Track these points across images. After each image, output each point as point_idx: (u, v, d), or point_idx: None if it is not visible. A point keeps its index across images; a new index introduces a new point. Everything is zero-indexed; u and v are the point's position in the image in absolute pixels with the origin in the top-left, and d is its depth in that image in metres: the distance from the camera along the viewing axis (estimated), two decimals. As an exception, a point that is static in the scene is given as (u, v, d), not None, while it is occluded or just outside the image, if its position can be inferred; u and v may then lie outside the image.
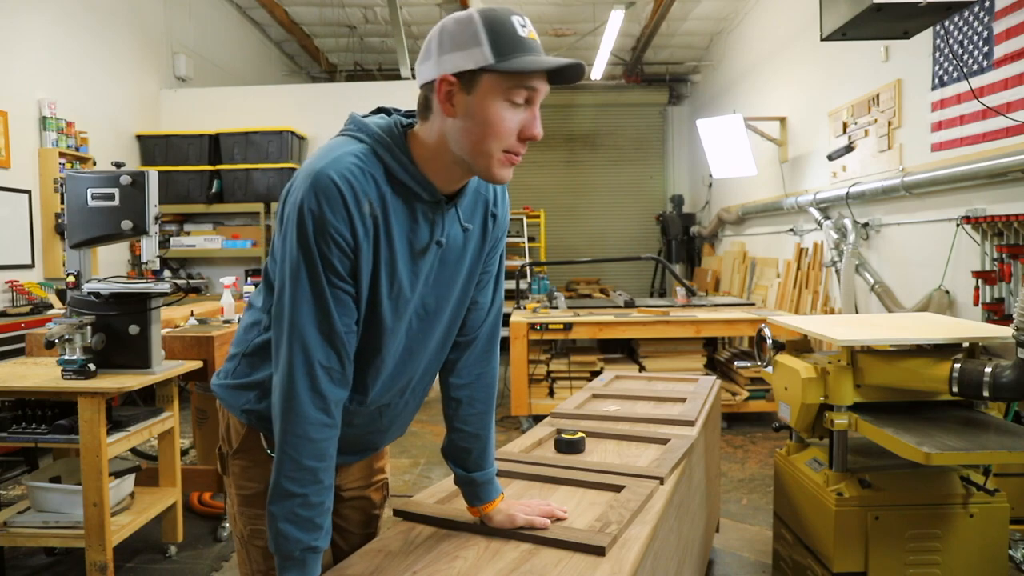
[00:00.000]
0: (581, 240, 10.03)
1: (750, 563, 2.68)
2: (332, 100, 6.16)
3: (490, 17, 0.97)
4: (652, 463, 1.54)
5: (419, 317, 1.13)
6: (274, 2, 7.25)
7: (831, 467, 2.10)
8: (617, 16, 6.32)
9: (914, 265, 4.14)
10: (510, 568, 1.06)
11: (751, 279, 6.93)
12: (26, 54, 4.43)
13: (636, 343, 4.98)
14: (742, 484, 3.56)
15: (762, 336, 2.44)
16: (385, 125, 1.06)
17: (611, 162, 10.27)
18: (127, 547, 2.70)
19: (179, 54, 6.31)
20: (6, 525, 2.36)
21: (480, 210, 1.17)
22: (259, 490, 1.17)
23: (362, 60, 9.24)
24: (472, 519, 1.24)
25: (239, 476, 1.21)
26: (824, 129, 5.36)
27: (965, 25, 3.64)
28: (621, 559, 1.08)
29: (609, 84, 9.87)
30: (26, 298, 4.12)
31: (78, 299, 2.39)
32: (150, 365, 2.40)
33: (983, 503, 2.00)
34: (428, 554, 1.13)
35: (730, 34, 7.97)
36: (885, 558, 2.00)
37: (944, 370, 1.84)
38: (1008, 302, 3.21)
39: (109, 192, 2.43)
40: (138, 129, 5.72)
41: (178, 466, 2.71)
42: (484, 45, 0.96)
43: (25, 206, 4.37)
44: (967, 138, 3.62)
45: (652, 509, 1.28)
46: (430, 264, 1.10)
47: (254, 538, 1.19)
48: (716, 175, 6.99)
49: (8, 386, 2.23)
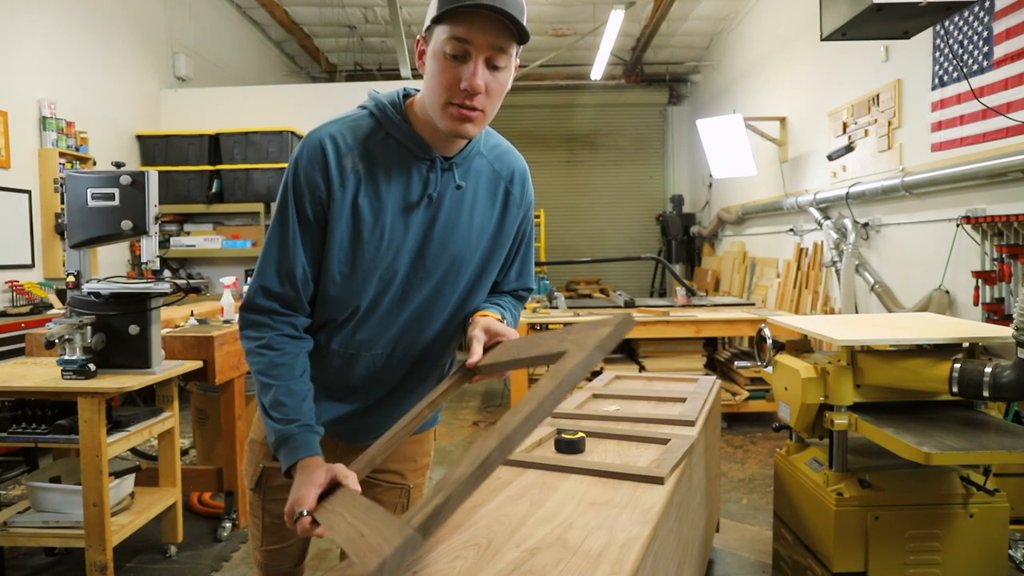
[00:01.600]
0: (581, 240, 10.03)
1: (750, 563, 2.68)
2: (332, 100, 6.15)
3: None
4: (652, 463, 1.54)
5: (417, 271, 1.20)
6: (274, 2, 7.25)
7: (831, 467, 2.10)
8: (617, 16, 6.32)
9: (914, 265, 4.14)
10: (511, 568, 1.06)
11: (751, 279, 6.93)
12: (26, 54, 4.43)
13: (636, 343, 4.98)
14: (742, 484, 3.56)
15: (762, 336, 2.44)
16: (389, 93, 1.19)
17: (611, 162, 10.26)
18: (127, 547, 2.70)
19: (179, 54, 6.31)
20: (6, 525, 2.36)
21: (492, 183, 1.24)
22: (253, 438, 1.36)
23: (362, 60, 9.24)
24: None
25: (256, 419, 1.34)
26: (824, 129, 5.35)
27: (965, 25, 3.64)
28: (621, 559, 1.08)
29: (609, 84, 9.87)
30: (26, 298, 4.12)
31: (78, 299, 2.39)
32: (150, 365, 2.40)
33: (983, 503, 2.00)
34: (429, 554, 1.13)
35: (730, 34, 7.97)
36: (885, 558, 2.01)
37: (944, 370, 1.84)
38: (1008, 302, 3.21)
39: (109, 192, 2.43)
40: (138, 129, 5.72)
41: (178, 466, 2.71)
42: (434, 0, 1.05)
43: (25, 206, 4.37)
44: (967, 138, 3.62)
45: (652, 509, 1.28)
46: (426, 219, 1.18)
47: (245, 475, 1.38)
48: (716, 175, 6.99)
49: (8, 386, 2.23)
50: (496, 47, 1.05)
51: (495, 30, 1.03)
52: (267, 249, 1.17)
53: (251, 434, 1.39)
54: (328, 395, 1.27)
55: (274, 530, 1.35)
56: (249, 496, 1.38)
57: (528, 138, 10.15)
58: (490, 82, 1.07)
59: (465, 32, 1.02)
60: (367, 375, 1.25)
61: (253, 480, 1.35)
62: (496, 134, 1.30)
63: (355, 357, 1.23)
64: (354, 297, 1.18)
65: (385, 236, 1.15)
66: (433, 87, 1.08)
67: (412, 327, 1.24)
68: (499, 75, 1.08)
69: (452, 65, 1.05)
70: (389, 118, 1.16)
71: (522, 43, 1.09)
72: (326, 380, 1.25)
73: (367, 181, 1.14)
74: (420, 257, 1.19)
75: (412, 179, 1.16)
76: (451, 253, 1.21)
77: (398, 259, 1.17)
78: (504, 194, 1.25)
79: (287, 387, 1.12)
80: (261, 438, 1.33)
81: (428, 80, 1.09)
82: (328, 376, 1.25)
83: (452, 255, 1.21)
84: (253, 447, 1.37)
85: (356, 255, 1.15)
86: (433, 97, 1.08)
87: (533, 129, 10.19)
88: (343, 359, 1.24)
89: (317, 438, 1.11)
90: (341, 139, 1.14)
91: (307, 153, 1.14)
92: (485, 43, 1.03)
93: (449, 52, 1.04)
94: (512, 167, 1.27)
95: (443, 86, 1.06)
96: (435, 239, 1.19)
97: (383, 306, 1.20)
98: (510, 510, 1.28)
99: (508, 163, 1.27)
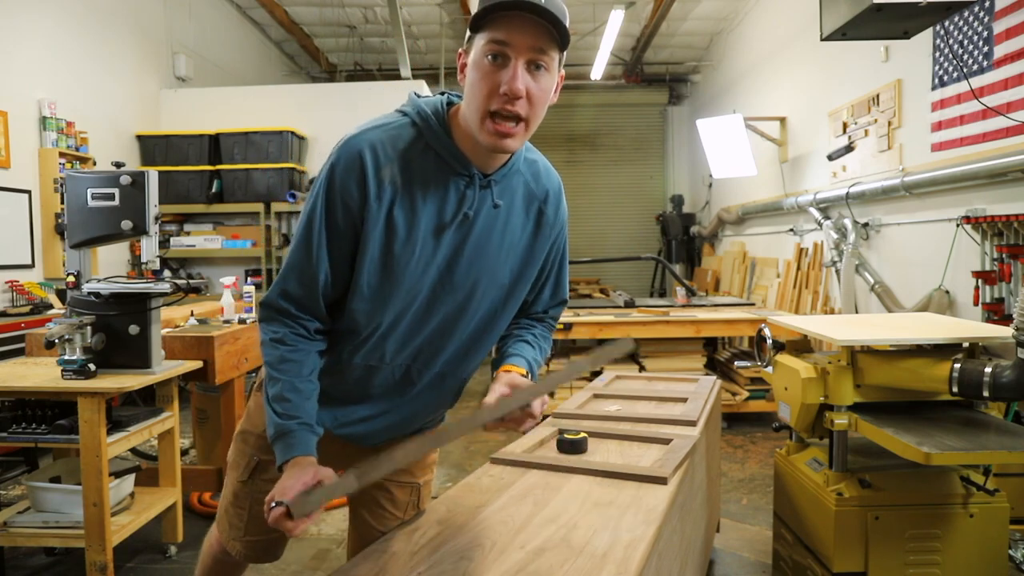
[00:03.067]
0: (581, 240, 10.03)
1: (750, 563, 2.68)
2: (332, 100, 6.15)
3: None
4: (655, 463, 1.54)
5: (444, 287, 1.18)
6: (274, 2, 7.24)
7: (831, 467, 2.11)
8: (617, 16, 6.32)
9: (914, 265, 4.15)
10: (516, 569, 1.06)
11: (751, 279, 6.93)
12: (26, 54, 4.42)
13: (636, 343, 4.98)
14: (742, 484, 3.56)
15: (762, 336, 2.45)
16: (432, 101, 1.16)
17: (611, 162, 10.26)
18: (127, 547, 2.70)
19: (179, 54, 6.30)
20: (6, 525, 2.36)
21: (526, 201, 1.23)
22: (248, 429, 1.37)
23: (362, 60, 9.23)
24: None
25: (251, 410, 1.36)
26: (824, 129, 5.36)
27: (965, 25, 3.64)
28: (626, 560, 1.08)
29: (609, 84, 9.86)
30: (26, 298, 4.11)
31: (78, 299, 2.38)
32: (150, 365, 2.40)
33: (983, 503, 2.00)
34: (433, 555, 1.13)
35: (730, 34, 7.97)
36: (885, 558, 2.01)
37: (944, 370, 1.84)
38: (1008, 302, 3.21)
39: (109, 192, 2.43)
40: (138, 129, 5.71)
41: (178, 466, 2.71)
42: (473, 10, 1.05)
43: (25, 206, 4.36)
44: (967, 138, 3.63)
45: (656, 509, 1.29)
46: (459, 236, 1.15)
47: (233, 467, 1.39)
48: (716, 175, 6.99)
49: (8, 386, 2.22)
50: (536, 48, 1.03)
51: (534, 32, 1.01)
52: (292, 253, 1.15)
53: (242, 424, 1.38)
54: (344, 400, 1.27)
55: (262, 520, 1.34)
56: (235, 487, 1.37)
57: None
58: (531, 87, 1.04)
59: (504, 35, 1.01)
60: (385, 385, 1.25)
61: (246, 471, 1.35)
62: (534, 149, 1.28)
63: (375, 369, 1.23)
64: (378, 310, 1.17)
65: (416, 252, 1.13)
66: (473, 96, 1.06)
67: (434, 341, 1.23)
68: (541, 81, 1.06)
69: (492, 71, 1.03)
70: (431, 128, 1.13)
71: (563, 48, 1.06)
72: (344, 388, 1.25)
73: (403, 194, 1.11)
74: (448, 273, 1.17)
75: (449, 195, 1.13)
76: (479, 271, 1.20)
77: (426, 275, 1.16)
78: (537, 214, 1.24)
79: (293, 384, 1.12)
80: (255, 429, 1.33)
81: (468, 90, 1.07)
82: (347, 386, 1.25)
83: (480, 273, 1.20)
84: (246, 438, 1.36)
85: (386, 269, 1.14)
86: (473, 107, 1.06)
87: (533, 129, 10.18)
88: (363, 371, 1.23)
89: (315, 438, 1.11)
90: (381, 149, 1.10)
91: (344, 162, 1.10)
92: (524, 45, 1.02)
93: (488, 56, 1.02)
94: (547, 187, 1.26)
95: (483, 93, 1.04)
96: (465, 257, 1.17)
97: (406, 320, 1.19)
98: (514, 511, 1.28)
99: (544, 182, 1.26)
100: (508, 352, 1.28)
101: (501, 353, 1.30)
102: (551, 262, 1.32)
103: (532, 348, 1.30)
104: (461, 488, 1.41)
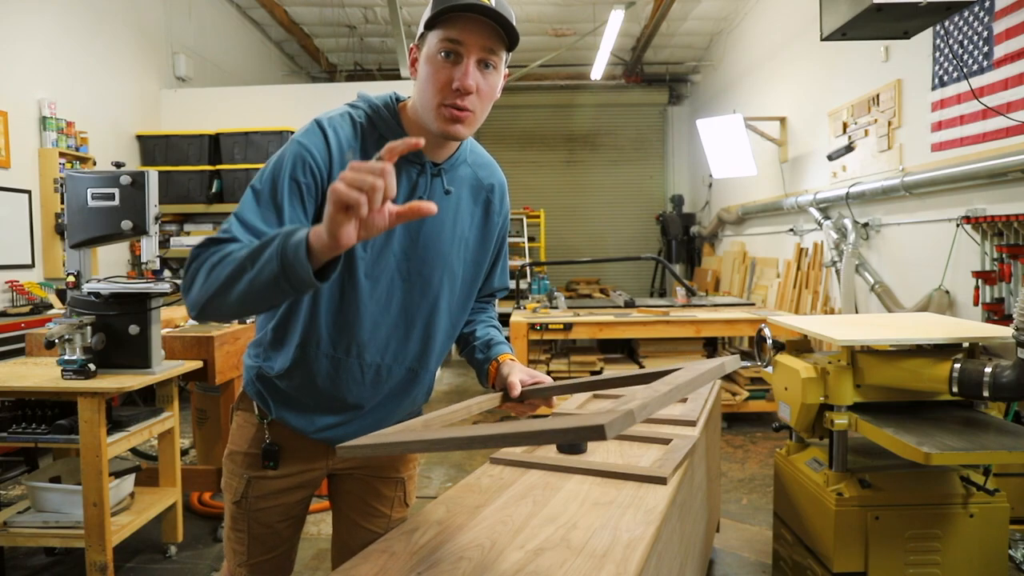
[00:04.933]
0: (581, 240, 10.04)
1: (750, 563, 2.68)
2: (332, 100, 6.06)
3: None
4: (655, 463, 1.54)
5: (403, 277, 1.22)
6: (274, 2, 7.24)
7: (831, 467, 2.11)
8: (617, 16, 6.32)
9: (914, 265, 4.15)
10: (515, 569, 1.06)
11: (751, 279, 6.94)
12: (26, 54, 4.42)
13: (636, 343, 4.98)
14: (742, 484, 3.56)
15: (762, 336, 2.45)
16: (381, 95, 1.22)
17: (611, 162, 10.27)
18: (127, 547, 2.70)
19: (179, 54, 6.30)
20: (6, 525, 2.36)
21: (473, 191, 1.28)
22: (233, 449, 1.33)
23: (362, 60, 9.23)
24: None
25: (233, 431, 1.34)
26: (824, 129, 5.36)
27: (965, 25, 3.64)
28: (626, 560, 1.08)
29: (609, 84, 9.87)
30: (26, 298, 4.11)
31: (78, 299, 2.39)
32: (150, 365, 2.40)
33: (983, 503, 2.00)
34: (433, 555, 1.13)
35: (730, 34, 7.97)
36: (885, 558, 2.01)
37: (944, 370, 1.84)
38: (1008, 302, 3.21)
39: (109, 192, 2.43)
40: (138, 129, 5.71)
41: (178, 466, 2.71)
42: (428, 7, 1.08)
43: (25, 206, 4.36)
44: (967, 138, 3.63)
45: (656, 509, 1.29)
46: (413, 224, 1.19)
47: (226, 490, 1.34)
48: (716, 175, 6.99)
49: (8, 386, 2.22)
50: (487, 49, 1.10)
51: (486, 33, 1.08)
52: (249, 196, 1.08)
53: (228, 446, 1.35)
54: (318, 407, 1.27)
55: (264, 539, 1.32)
56: (231, 511, 1.33)
57: (528, 138, 10.15)
58: (480, 84, 1.11)
59: (458, 34, 1.08)
60: (357, 383, 1.25)
61: (237, 493, 1.31)
62: (479, 146, 1.35)
63: (343, 363, 1.23)
64: (337, 297, 1.18)
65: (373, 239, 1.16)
66: (425, 89, 1.11)
67: (399, 333, 1.25)
68: (489, 78, 1.13)
69: (445, 67, 1.09)
70: (383, 119, 1.19)
71: (511, 49, 1.14)
72: (317, 392, 1.25)
73: None
74: (405, 260, 1.21)
75: (401, 183, 1.17)
76: (436, 258, 1.24)
77: (381, 261, 1.19)
78: (485, 203, 1.31)
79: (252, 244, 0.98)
80: (239, 448, 1.31)
81: (420, 83, 1.13)
82: (318, 388, 1.24)
83: (437, 260, 1.24)
84: (233, 458, 1.33)
85: None
86: (425, 99, 1.12)
87: (533, 129, 10.19)
88: (332, 364, 1.23)
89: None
90: (342, 132, 1.16)
91: (309, 131, 1.15)
92: (476, 45, 1.08)
93: (442, 53, 1.09)
94: (493, 179, 1.33)
95: (435, 87, 1.10)
96: (420, 243, 1.22)
97: (369, 308, 1.20)
98: (513, 510, 1.28)
99: (490, 174, 1.33)
100: (492, 341, 1.36)
101: (478, 339, 1.37)
102: (498, 247, 1.39)
103: (500, 332, 1.40)
104: (461, 488, 1.41)
